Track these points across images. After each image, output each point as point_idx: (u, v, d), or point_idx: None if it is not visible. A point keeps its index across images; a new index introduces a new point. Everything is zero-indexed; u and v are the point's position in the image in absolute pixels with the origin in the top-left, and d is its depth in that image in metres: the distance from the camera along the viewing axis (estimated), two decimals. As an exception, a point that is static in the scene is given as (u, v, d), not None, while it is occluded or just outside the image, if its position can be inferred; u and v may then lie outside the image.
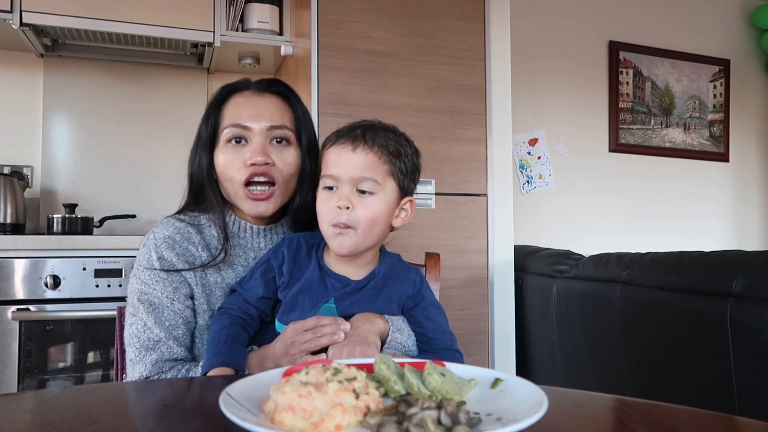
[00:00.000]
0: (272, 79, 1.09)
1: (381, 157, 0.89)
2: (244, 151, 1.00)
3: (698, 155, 3.65)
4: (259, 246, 1.08)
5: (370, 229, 0.89)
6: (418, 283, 0.97)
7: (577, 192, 3.30)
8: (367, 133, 0.90)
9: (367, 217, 0.88)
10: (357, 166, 0.88)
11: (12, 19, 2.05)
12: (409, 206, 0.95)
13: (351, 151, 0.88)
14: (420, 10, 2.21)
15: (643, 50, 3.48)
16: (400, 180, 0.91)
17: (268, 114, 1.02)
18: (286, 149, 1.03)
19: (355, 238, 0.89)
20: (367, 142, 0.88)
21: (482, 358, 2.20)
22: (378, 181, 0.89)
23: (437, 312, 0.99)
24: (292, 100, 1.07)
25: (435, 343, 0.96)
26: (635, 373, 1.85)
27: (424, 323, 0.96)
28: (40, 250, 1.89)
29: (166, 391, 0.79)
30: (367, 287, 0.94)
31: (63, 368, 1.96)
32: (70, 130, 2.48)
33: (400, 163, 0.91)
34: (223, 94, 1.06)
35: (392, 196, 0.91)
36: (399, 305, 0.95)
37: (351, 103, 2.09)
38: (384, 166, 0.89)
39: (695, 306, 1.60)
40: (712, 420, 0.67)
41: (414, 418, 0.54)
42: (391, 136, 0.92)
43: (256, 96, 1.04)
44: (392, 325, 0.93)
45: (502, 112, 2.29)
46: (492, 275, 2.25)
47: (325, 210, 0.90)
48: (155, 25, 2.22)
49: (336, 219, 0.88)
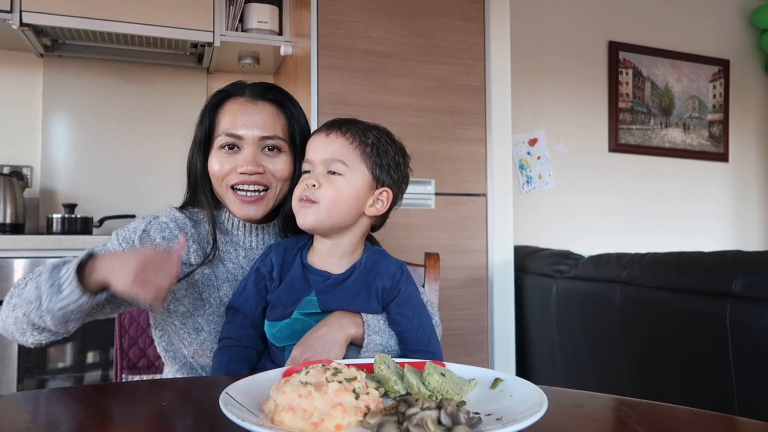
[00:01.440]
0: (268, 85, 1.11)
1: (352, 142, 0.94)
2: (236, 158, 1.04)
3: (698, 155, 3.65)
4: (251, 244, 1.10)
5: (333, 206, 0.92)
6: (397, 277, 0.96)
7: (576, 192, 3.31)
8: (344, 124, 0.95)
9: (331, 195, 0.91)
10: (328, 149, 0.93)
11: (12, 19, 2.05)
12: (385, 197, 0.97)
13: (325, 136, 0.95)
14: (420, 10, 2.21)
15: (643, 50, 3.49)
16: (372, 169, 0.94)
17: (261, 123, 1.04)
18: (277, 157, 1.06)
19: (318, 212, 0.92)
20: (341, 129, 0.94)
21: (482, 358, 2.20)
22: (346, 164, 0.92)
23: (414, 308, 0.96)
24: (286, 107, 1.09)
25: (408, 343, 0.95)
26: (635, 373, 1.85)
27: (398, 320, 0.94)
28: (39, 250, 1.89)
29: (166, 391, 0.79)
30: (349, 280, 0.95)
31: (62, 368, 1.96)
32: (70, 130, 2.48)
33: (375, 154, 0.94)
34: (218, 98, 1.08)
35: (362, 181, 0.94)
36: (378, 299, 0.95)
37: (351, 103, 2.09)
38: (354, 152, 0.93)
39: (695, 306, 1.60)
40: (712, 420, 0.67)
41: (414, 418, 0.54)
42: (372, 130, 0.97)
43: (250, 104, 1.06)
44: (369, 328, 0.93)
45: (502, 112, 2.29)
46: (492, 275, 2.25)
47: (298, 189, 0.95)
48: (155, 25, 2.22)
49: (302, 194, 0.93)
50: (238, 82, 1.10)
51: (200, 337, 1.03)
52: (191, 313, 1.03)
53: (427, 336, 0.96)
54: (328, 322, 0.92)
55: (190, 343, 1.02)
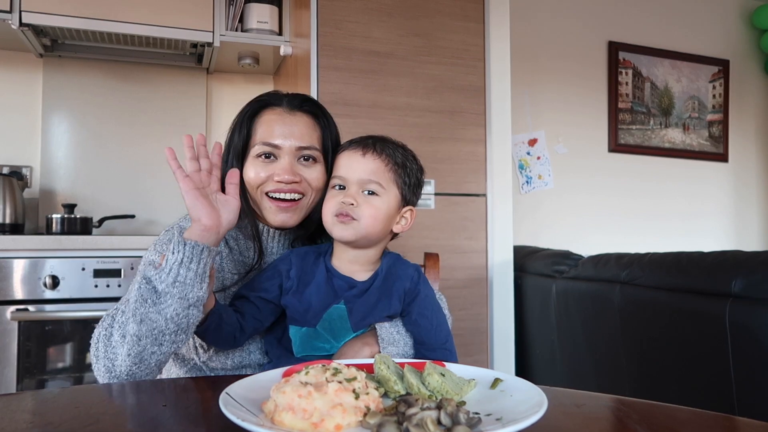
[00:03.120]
0: (305, 96, 1.13)
1: (387, 164, 0.97)
2: (273, 167, 1.05)
3: (697, 155, 3.65)
4: (272, 250, 1.12)
5: (372, 224, 0.96)
6: (415, 279, 1.00)
7: (576, 192, 3.31)
8: (377, 143, 0.99)
9: (370, 213, 0.95)
10: (365, 169, 0.96)
11: (11, 20, 2.05)
12: (409, 215, 1.03)
13: (361, 156, 0.97)
14: (420, 10, 2.21)
15: (643, 50, 3.49)
16: (402, 189, 0.99)
17: (298, 134, 1.06)
18: (312, 167, 1.08)
19: (357, 228, 0.95)
20: (376, 150, 0.98)
21: (482, 359, 2.20)
22: (382, 185, 0.97)
23: (433, 309, 1.01)
24: (321, 119, 1.12)
25: (427, 341, 0.99)
26: (635, 373, 1.85)
27: (418, 320, 0.99)
28: (39, 250, 1.89)
29: (166, 391, 0.79)
30: (372, 288, 0.99)
31: (62, 368, 1.96)
32: (70, 130, 2.48)
33: (405, 174, 0.99)
34: (255, 107, 1.10)
35: (394, 201, 0.99)
36: (400, 301, 0.99)
37: (351, 103, 2.09)
38: (389, 173, 0.97)
39: (694, 306, 1.60)
40: (712, 420, 0.67)
41: (414, 418, 0.54)
42: (399, 150, 1.01)
43: (288, 114, 1.08)
44: (383, 341, 0.97)
45: (502, 113, 2.29)
46: (491, 275, 2.25)
47: (332, 204, 0.97)
48: (155, 25, 2.22)
49: (340, 210, 0.95)
50: (274, 92, 1.13)
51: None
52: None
53: (444, 335, 1.01)
54: (342, 353, 0.95)
55: (206, 350, 1.02)
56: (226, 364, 1.02)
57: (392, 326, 0.99)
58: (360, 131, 1.07)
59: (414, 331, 0.99)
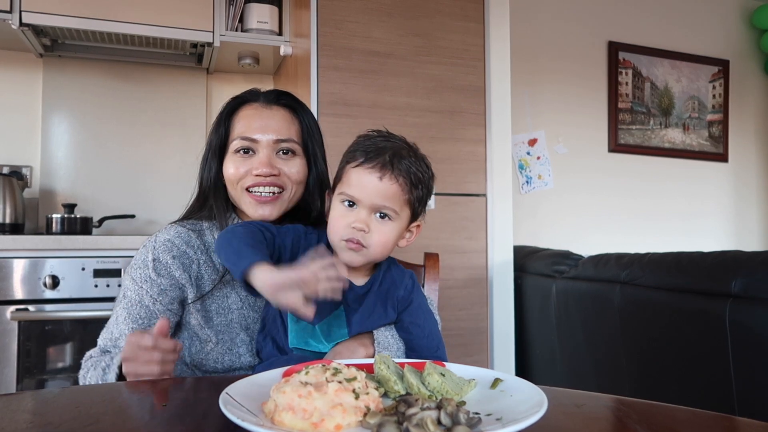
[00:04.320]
0: (281, 91, 1.14)
1: (404, 188, 0.92)
2: (252, 161, 1.05)
3: (697, 155, 3.65)
4: None
5: (381, 251, 0.95)
6: (409, 287, 1.01)
7: (576, 192, 3.31)
8: (395, 161, 0.92)
9: (381, 241, 0.93)
10: (380, 194, 0.91)
11: (11, 19, 2.05)
12: (415, 229, 1.01)
13: (378, 179, 0.91)
14: (420, 10, 2.21)
15: (643, 51, 3.48)
16: (414, 207, 0.97)
17: (275, 127, 1.06)
18: (291, 160, 1.08)
19: (366, 255, 0.94)
20: (394, 172, 0.91)
21: (482, 359, 2.20)
22: (396, 211, 0.93)
23: (425, 317, 1.01)
24: (299, 112, 1.12)
25: (418, 350, 0.99)
26: (635, 373, 1.85)
27: (411, 329, 0.99)
28: (39, 250, 1.89)
29: (166, 391, 0.79)
30: (370, 293, 0.98)
31: (62, 368, 1.96)
32: (70, 130, 2.48)
33: (418, 192, 0.95)
34: (233, 105, 1.11)
35: (405, 222, 0.97)
36: (394, 308, 0.99)
37: (351, 103, 2.09)
38: (404, 197, 0.93)
39: (694, 306, 1.60)
40: (712, 420, 0.67)
41: (414, 418, 0.54)
42: (414, 161, 0.94)
43: (265, 108, 1.09)
44: (378, 345, 0.97)
45: (502, 113, 2.29)
46: (491, 275, 2.25)
47: (342, 225, 0.93)
48: (155, 25, 2.22)
49: (351, 236, 0.92)
50: (251, 90, 1.13)
51: (206, 348, 1.03)
52: (201, 325, 1.03)
53: (435, 343, 1.00)
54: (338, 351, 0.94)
55: (196, 353, 1.02)
56: (216, 367, 1.03)
57: (387, 330, 0.99)
58: (360, 131, 1.03)
59: (406, 338, 0.99)
